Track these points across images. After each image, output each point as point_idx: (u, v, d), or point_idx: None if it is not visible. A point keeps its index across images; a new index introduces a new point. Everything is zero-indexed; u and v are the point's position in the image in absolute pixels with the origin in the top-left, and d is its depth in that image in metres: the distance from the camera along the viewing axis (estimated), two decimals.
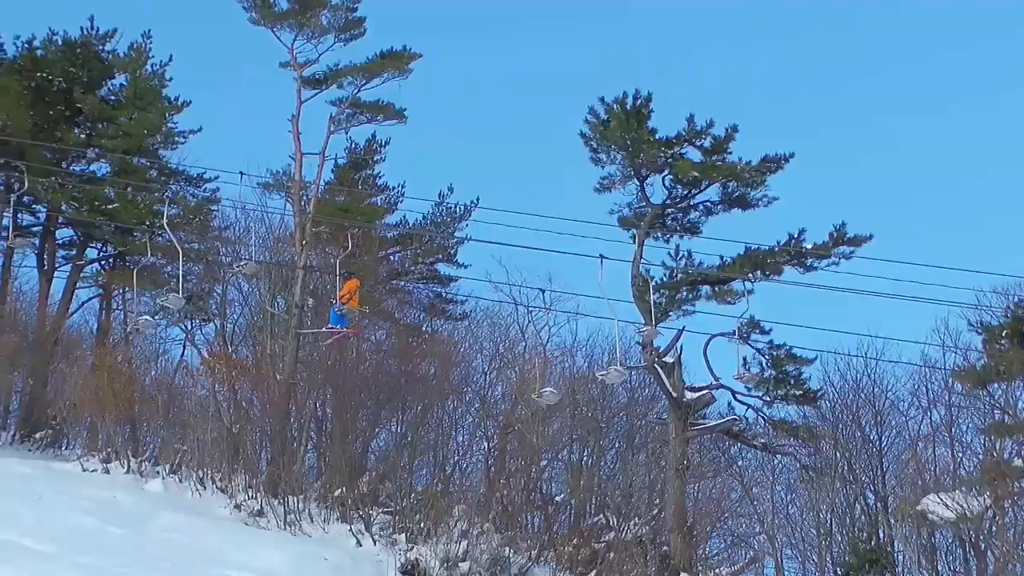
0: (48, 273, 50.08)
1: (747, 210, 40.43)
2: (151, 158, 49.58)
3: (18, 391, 46.66)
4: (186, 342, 49.65)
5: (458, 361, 44.34)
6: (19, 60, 49.50)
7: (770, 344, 39.22)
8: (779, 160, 39.50)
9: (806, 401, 39.98)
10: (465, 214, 50.15)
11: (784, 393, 39.28)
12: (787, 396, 39.34)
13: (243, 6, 46.78)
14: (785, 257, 39.00)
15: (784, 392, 39.24)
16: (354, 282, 36.24)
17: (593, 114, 40.23)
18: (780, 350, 39.21)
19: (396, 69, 46.93)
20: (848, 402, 42.93)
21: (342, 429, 39.93)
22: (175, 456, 40.09)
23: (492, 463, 41.75)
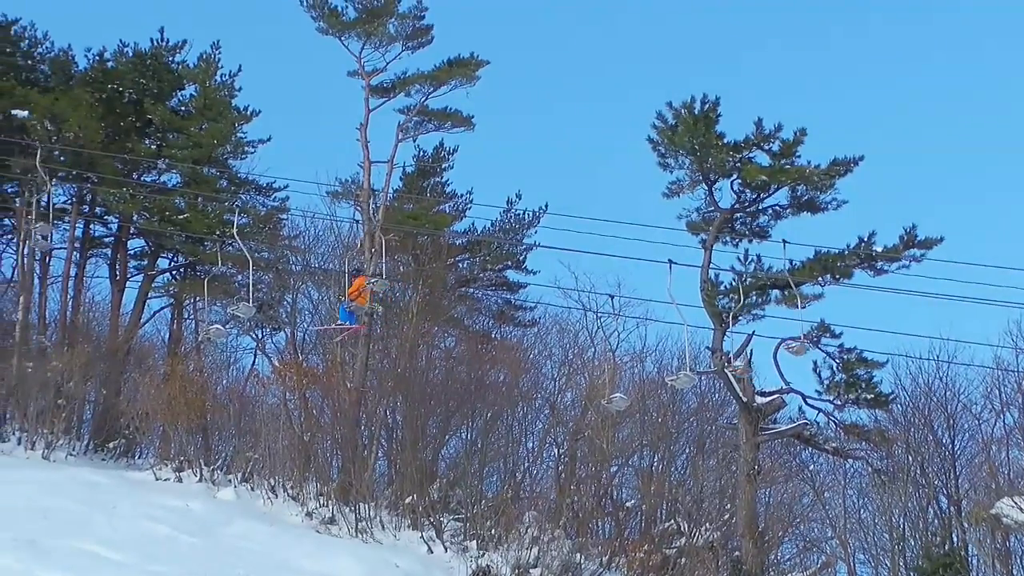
0: (120, 283, 50.52)
1: (816, 214, 40.26)
2: (221, 168, 49.99)
3: (91, 401, 46.93)
4: (257, 351, 50.18)
5: (528, 368, 44.41)
6: (90, 72, 50.01)
7: (841, 348, 39.06)
8: (848, 163, 39.28)
9: (877, 405, 39.75)
10: (533, 220, 50.39)
11: (855, 397, 39.06)
12: (858, 400, 39.12)
13: (311, 16, 46.96)
14: (855, 260, 38.79)
15: (855, 396, 39.01)
16: (363, 279, 36.38)
17: (660, 119, 40.15)
18: (851, 354, 39.02)
19: (463, 76, 46.97)
20: (920, 405, 42.70)
21: (412, 436, 39.97)
22: (247, 464, 40.24)
23: (562, 469, 41.74)
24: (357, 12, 46.60)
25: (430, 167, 51.86)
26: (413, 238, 47.99)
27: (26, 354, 44.97)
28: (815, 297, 38.89)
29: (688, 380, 33.30)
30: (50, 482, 33.53)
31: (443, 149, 51.66)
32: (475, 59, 46.91)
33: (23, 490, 31.42)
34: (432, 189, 52.12)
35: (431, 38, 47.43)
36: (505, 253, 51.77)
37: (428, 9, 46.88)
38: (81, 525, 28.44)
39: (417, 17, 46.92)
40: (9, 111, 46.89)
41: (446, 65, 46.91)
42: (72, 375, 43.09)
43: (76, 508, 30.17)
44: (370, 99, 46.69)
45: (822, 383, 39.02)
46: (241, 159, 51.34)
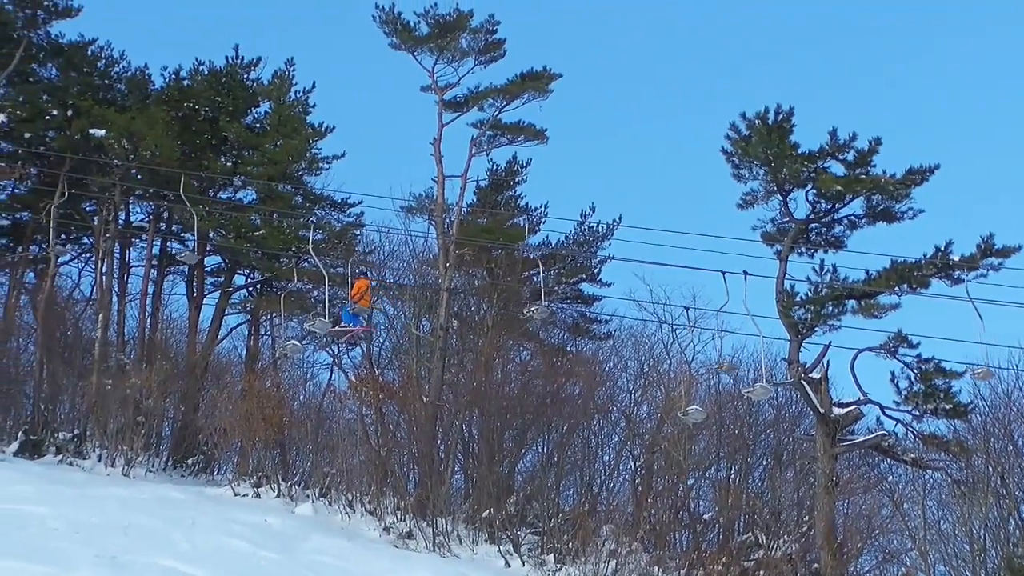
0: (197, 300, 50.98)
1: (892, 223, 40.00)
2: (296, 184, 50.27)
3: (170, 417, 47.40)
4: (333, 366, 50.42)
5: (603, 380, 44.37)
6: (167, 91, 50.54)
7: (918, 358, 38.79)
8: (924, 172, 38.98)
9: (956, 415, 39.38)
10: (608, 233, 50.33)
11: (934, 407, 38.72)
12: (936, 410, 38.77)
13: (384, 32, 47.29)
14: (932, 270, 38.50)
15: (934, 406, 38.67)
16: (364, 281, 36.65)
17: (734, 130, 40.03)
18: (929, 364, 38.75)
19: (536, 90, 47.20)
20: (1000, 415, 42.27)
21: (489, 450, 40.08)
22: (324, 479, 40.41)
23: (639, 482, 41.69)
24: (430, 27, 46.88)
25: (504, 181, 52.03)
26: (487, 252, 48.17)
27: (105, 372, 45.48)
28: (892, 307, 38.59)
29: (764, 392, 33.19)
30: (130, 498, 33.80)
31: (516, 163, 51.82)
32: (547, 72, 47.12)
33: (104, 507, 31.68)
34: (506, 203, 52.17)
35: (503, 52, 47.74)
36: (579, 266, 51.80)
37: (500, 23, 47.21)
38: (160, 541, 28.61)
39: (489, 31, 47.18)
40: (87, 130, 47.43)
41: (519, 79, 47.18)
42: (151, 392, 43.57)
43: (155, 524, 30.34)
44: (443, 114, 47.10)
45: (900, 394, 38.75)
46: (316, 175, 51.75)
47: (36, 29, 49.92)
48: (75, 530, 28.13)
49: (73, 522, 28.93)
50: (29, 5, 49.11)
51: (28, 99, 49.60)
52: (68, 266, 53.71)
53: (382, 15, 47.09)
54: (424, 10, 46.76)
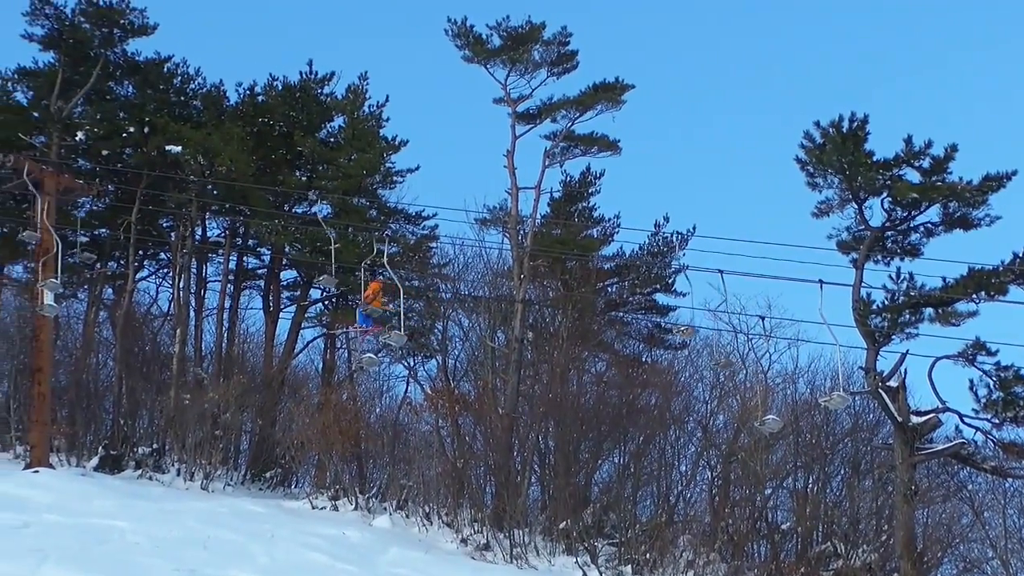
0: (273, 314, 51.41)
1: (969, 230, 39.71)
2: (370, 198, 50.55)
3: (248, 431, 47.74)
4: (409, 378, 50.61)
5: (679, 390, 44.23)
6: (241, 107, 51.04)
7: (997, 365, 38.47)
8: (1001, 178, 38.61)
9: None
10: (682, 243, 49.76)
11: (1013, 415, 38.41)
12: (1016, 418, 38.39)
13: (456, 45, 47.60)
14: (1010, 276, 38.17)
15: (1013, 414, 38.37)
16: (377, 284, 36.68)
17: (808, 138, 39.84)
18: (1008, 371, 38.42)
19: (609, 100, 47.30)
20: None
21: (565, 461, 40.06)
22: (401, 492, 40.59)
23: (716, 492, 41.51)
24: (502, 40, 47.11)
25: (577, 192, 52.01)
26: (562, 263, 48.20)
27: (183, 386, 45.93)
28: (970, 314, 38.30)
29: (842, 401, 32.90)
30: (209, 512, 33.97)
31: (590, 174, 51.83)
32: (620, 83, 47.24)
33: (183, 521, 31.88)
34: (580, 214, 52.18)
35: (576, 63, 47.90)
36: (654, 276, 51.60)
37: (573, 34, 47.45)
38: (240, 555, 28.75)
39: (562, 43, 47.33)
40: (163, 147, 47.95)
41: (591, 90, 47.32)
42: (228, 406, 44.01)
43: (234, 538, 30.49)
44: (516, 126, 47.22)
45: (979, 401, 38.41)
46: (390, 188, 52.12)
47: (113, 47, 50.59)
48: (155, 544, 28.33)
49: (153, 536, 29.15)
50: (106, 24, 49.72)
51: (105, 117, 50.25)
52: (146, 282, 54.40)
53: (455, 28, 47.43)
54: (496, 22, 47.14)
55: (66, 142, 49.23)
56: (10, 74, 51.47)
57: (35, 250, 38.28)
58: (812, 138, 39.74)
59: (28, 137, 48.86)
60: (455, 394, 44.72)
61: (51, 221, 36.73)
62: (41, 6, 49.52)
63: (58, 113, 49.00)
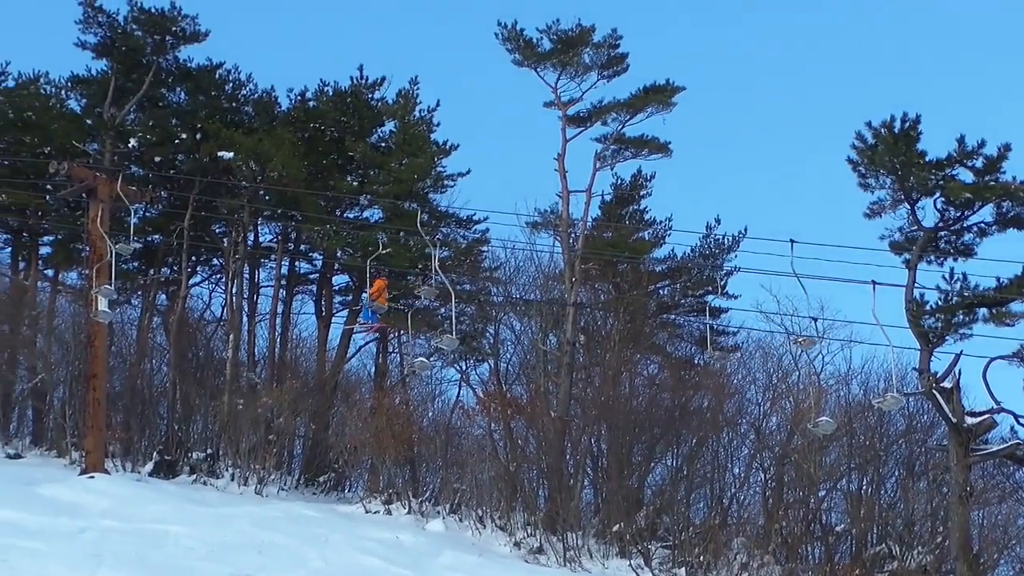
0: (326, 319, 51.63)
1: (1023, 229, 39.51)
2: (421, 202, 50.50)
3: (301, 436, 47.88)
4: (461, 382, 50.65)
5: (731, 393, 44.13)
6: (293, 112, 51.35)
7: None
8: None
9: None
10: (733, 245, 50.05)
11: None
12: None
13: (507, 48, 47.72)
14: None
15: None
16: (381, 281, 37.21)
17: (860, 139, 39.63)
18: None
19: (660, 103, 47.31)
20: None
21: (618, 464, 40.09)
22: (454, 495, 40.76)
23: (770, 494, 41.37)
24: (552, 43, 47.19)
25: (628, 195, 51.95)
26: (613, 266, 48.18)
27: (237, 391, 46.15)
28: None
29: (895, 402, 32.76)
30: (263, 517, 34.04)
31: (641, 176, 51.66)
32: (670, 85, 47.29)
33: (237, 525, 32.01)
34: (631, 216, 52.11)
35: (626, 66, 48.00)
36: (705, 279, 51.44)
37: (623, 37, 47.52)
38: (294, 559, 28.85)
39: (612, 46, 47.40)
40: (215, 153, 48.18)
41: (642, 92, 47.36)
42: (282, 411, 44.05)
43: (289, 542, 30.58)
44: (567, 129, 47.27)
45: None
46: (441, 193, 52.16)
47: (165, 54, 50.99)
48: (210, 549, 28.48)
49: (208, 541, 29.28)
50: (158, 31, 50.08)
51: (158, 123, 50.65)
52: (199, 287, 54.70)
53: (505, 32, 47.50)
54: (546, 26, 47.22)
55: (119, 149, 49.70)
56: (64, 82, 52.13)
57: (89, 257, 38.53)
58: (863, 138, 39.53)
59: (82, 144, 49.32)
60: (507, 397, 44.70)
61: (105, 228, 36.90)
62: (94, 14, 49.97)
63: (111, 120, 49.44)
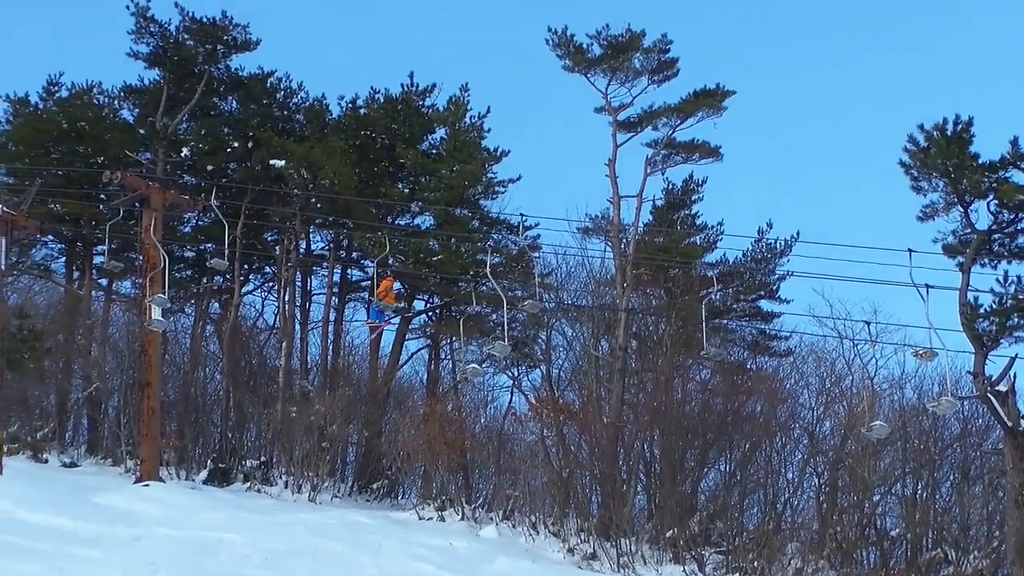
0: None
1: None
2: (472, 209, 50.80)
3: (354, 443, 48.09)
4: (513, 388, 50.85)
5: (784, 397, 44.02)
6: (344, 120, 51.57)
7: None
8: None
9: None
10: (785, 249, 49.90)
11: None
12: None
13: (557, 54, 47.61)
14: None
15: None
16: (389, 281, 37.80)
17: (912, 141, 39.50)
18: None
19: (710, 107, 47.16)
20: None
21: (670, 469, 40.01)
22: (507, 502, 40.81)
23: (823, 499, 41.24)
24: (602, 48, 47.07)
25: (680, 199, 51.91)
26: (665, 271, 48.16)
27: (290, 399, 46.46)
28: None
29: (950, 406, 32.66)
30: (317, 524, 34.28)
31: (692, 181, 51.57)
32: (721, 90, 47.17)
33: (291, 532, 32.23)
34: (682, 221, 52.06)
35: (676, 71, 47.84)
36: (758, 283, 51.54)
37: (673, 42, 47.36)
38: (348, 565, 29.00)
39: (662, 51, 47.30)
40: (267, 161, 48.46)
41: (692, 97, 47.26)
42: (334, 418, 44.28)
43: (343, 549, 30.73)
44: (617, 134, 47.19)
45: None
46: (492, 199, 52.31)
47: (217, 64, 51.50)
48: (264, 556, 28.70)
49: (262, 548, 29.51)
50: (210, 40, 50.54)
51: (210, 132, 51.08)
52: (252, 295, 54.98)
53: (555, 38, 47.43)
54: (596, 31, 47.09)
55: (172, 158, 50.24)
56: (117, 92, 52.70)
57: (142, 266, 38.82)
58: (916, 141, 39.39)
59: (135, 154, 49.72)
60: (560, 403, 44.67)
61: (158, 237, 37.20)
62: (146, 24, 50.49)
63: (164, 130, 49.95)
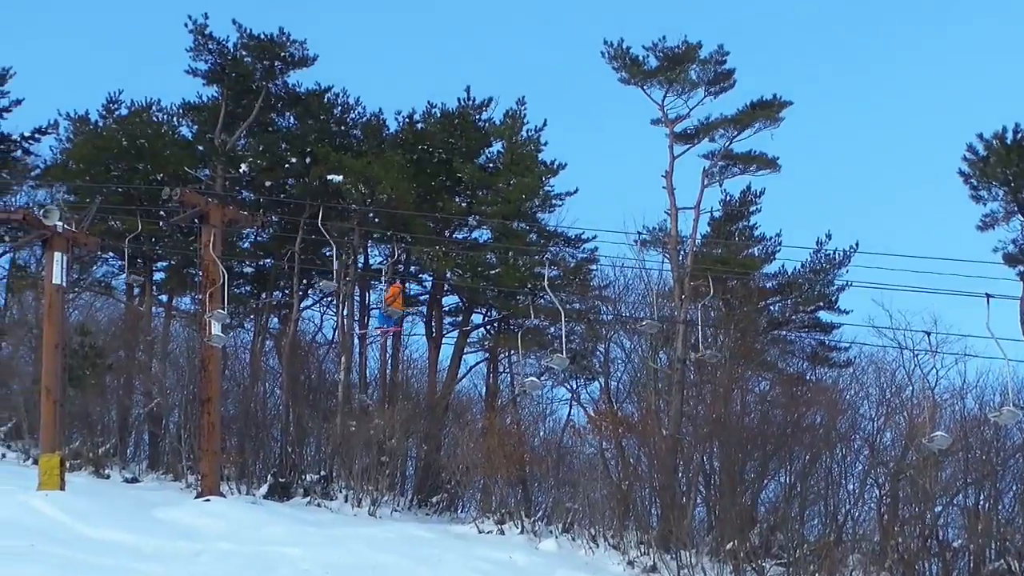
0: (436, 340, 52.14)
1: None
2: (530, 222, 51.21)
3: (413, 457, 48.44)
4: (572, 401, 50.95)
5: (844, 408, 44.08)
6: (401, 134, 52.01)
7: None
8: None
9: None
10: (844, 259, 50.11)
11: None
12: None
13: (613, 67, 48.00)
14: None
15: None
16: (397, 287, 38.67)
17: (971, 150, 39.83)
18: None
19: (767, 118, 47.45)
20: None
21: (730, 481, 40.07)
22: (567, 515, 41.09)
23: (885, 510, 41.24)
24: (658, 60, 47.38)
25: (737, 211, 52.17)
26: (723, 283, 48.37)
27: (349, 413, 46.76)
28: None
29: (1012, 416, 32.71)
30: (377, 538, 34.27)
31: (750, 192, 51.89)
32: (778, 100, 47.44)
33: (352, 547, 32.26)
34: (740, 232, 52.31)
35: (733, 82, 48.09)
36: (817, 294, 51.70)
37: (730, 53, 47.63)
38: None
39: (719, 62, 47.59)
40: (325, 176, 48.99)
41: (749, 108, 47.56)
42: (394, 432, 44.52)
43: (403, 563, 30.76)
44: (674, 146, 47.31)
45: None
46: (549, 212, 52.57)
47: (274, 80, 52.13)
48: (325, 571, 28.85)
49: (323, 563, 29.66)
50: (267, 57, 51.16)
51: (268, 148, 51.65)
52: (310, 310, 55.52)
53: (611, 51, 47.79)
54: (652, 43, 47.40)
55: (230, 174, 50.85)
56: (175, 109, 53.42)
57: (202, 282, 39.34)
58: (975, 150, 39.71)
59: (193, 171, 50.37)
60: (618, 416, 44.90)
61: (217, 253, 37.67)
62: (204, 42, 51.21)
63: (222, 146, 50.58)
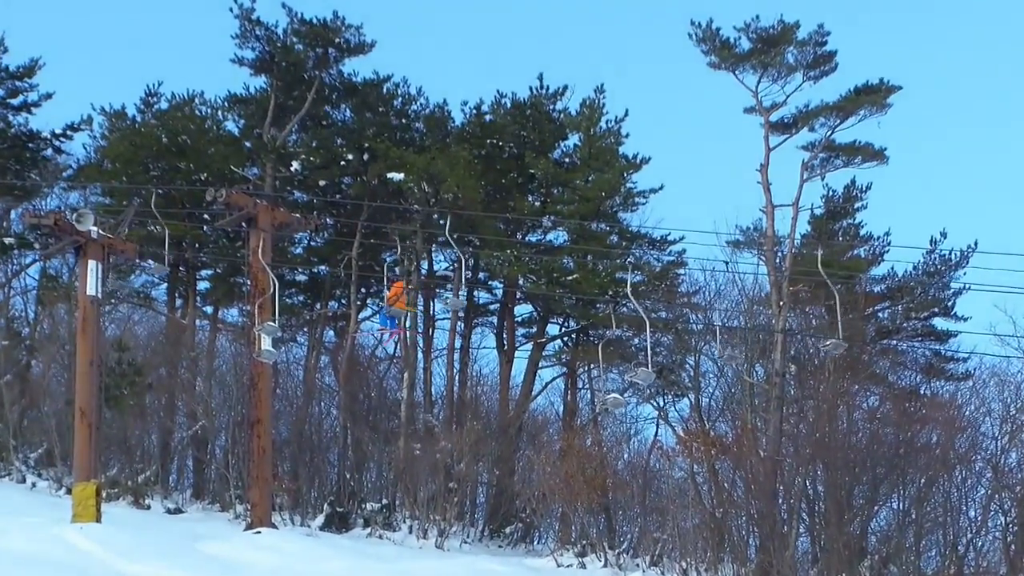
0: (508, 354, 51.41)
1: None
2: (610, 222, 50.46)
3: (484, 483, 47.74)
4: (659, 420, 50.08)
5: (964, 426, 42.94)
6: (467, 128, 51.30)
7: None
8: None
9: None
10: (962, 260, 49.05)
11: None
12: None
13: (701, 50, 47.36)
14: None
15: None
16: (399, 285, 38.05)
17: None
18: None
19: (873, 104, 46.60)
20: None
21: (836, 508, 39.07)
22: (655, 546, 40.23)
23: (1011, 540, 40.15)
24: (751, 42, 46.72)
25: (841, 208, 51.39)
26: (825, 288, 47.15)
27: (413, 435, 46.25)
28: None
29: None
30: (445, 572, 33.81)
31: (854, 187, 51.04)
32: (885, 84, 46.62)
33: None
34: (844, 232, 51.73)
35: (835, 65, 47.34)
36: (931, 299, 50.93)
37: (830, 33, 46.84)
38: None
39: (818, 43, 46.79)
40: (384, 175, 48.05)
41: (852, 94, 46.80)
42: (462, 455, 44.02)
43: None
44: (770, 136, 46.78)
45: None
46: (632, 211, 51.99)
47: (328, 69, 51.39)
48: None
49: None
50: (320, 44, 50.35)
51: (322, 144, 50.98)
52: (370, 322, 54.67)
53: (699, 33, 47.05)
54: (744, 24, 46.72)
55: (281, 173, 50.19)
56: (220, 102, 52.85)
57: (250, 292, 38.34)
58: None
59: (240, 169, 49.65)
60: (711, 436, 44.17)
61: (266, 259, 36.57)
62: (251, 28, 50.36)
63: (271, 142, 49.86)
